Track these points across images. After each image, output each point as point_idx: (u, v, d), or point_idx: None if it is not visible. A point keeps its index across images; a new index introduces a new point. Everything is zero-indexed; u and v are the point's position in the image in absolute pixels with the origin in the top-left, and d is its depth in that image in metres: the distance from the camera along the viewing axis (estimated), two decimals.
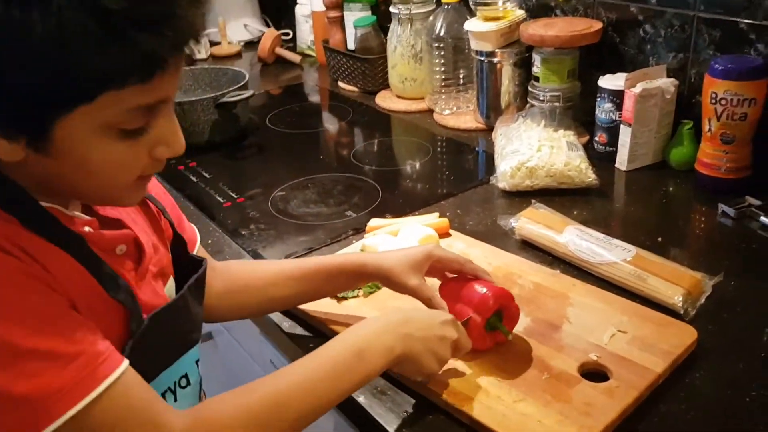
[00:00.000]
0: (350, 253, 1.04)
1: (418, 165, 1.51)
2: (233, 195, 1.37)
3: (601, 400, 0.79)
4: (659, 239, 1.14)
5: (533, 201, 1.22)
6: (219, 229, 1.25)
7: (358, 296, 1.00)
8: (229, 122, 1.61)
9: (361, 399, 0.84)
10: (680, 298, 0.96)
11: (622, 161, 1.39)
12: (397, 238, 1.08)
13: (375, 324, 0.77)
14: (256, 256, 1.15)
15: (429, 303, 0.87)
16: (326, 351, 0.74)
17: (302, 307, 0.98)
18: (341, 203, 1.32)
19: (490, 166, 1.40)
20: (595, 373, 0.85)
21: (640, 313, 0.93)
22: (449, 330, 0.80)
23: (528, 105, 1.52)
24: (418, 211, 1.26)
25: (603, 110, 1.40)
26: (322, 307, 0.97)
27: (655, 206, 1.27)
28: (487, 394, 0.81)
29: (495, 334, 0.87)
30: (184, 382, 0.74)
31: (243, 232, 1.23)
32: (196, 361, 0.77)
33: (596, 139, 1.44)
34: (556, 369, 0.84)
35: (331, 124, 1.84)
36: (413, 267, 0.87)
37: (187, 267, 0.78)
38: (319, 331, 0.96)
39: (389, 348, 0.75)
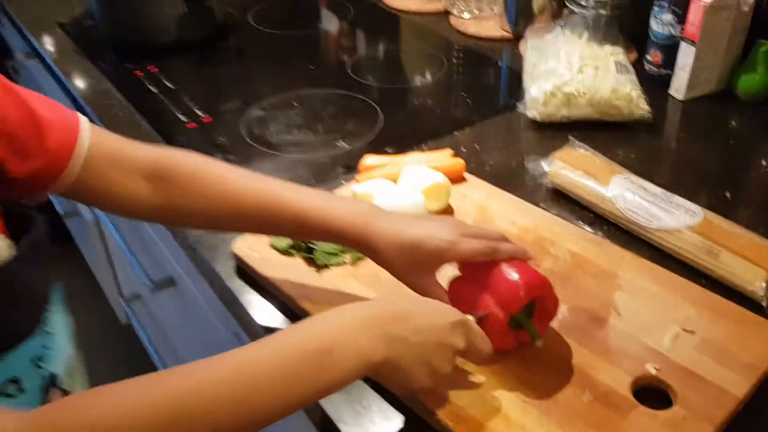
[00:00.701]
0: (346, 202, 0.74)
1: (429, 81, 1.25)
2: (199, 113, 1.12)
3: None
4: (726, 194, 0.91)
5: (570, 138, 0.97)
6: None
7: (343, 263, 0.77)
8: (202, 18, 1.34)
9: (329, 408, 0.63)
10: (763, 285, 0.73)
11: (679, 88, 1.13)
12: (397, 186, 0.85)
13: (352, 314, 0.55)
14: None
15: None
16: (276, 344, 0.51)
17: (268, 275, 0.76)
18: (331, 130, 1.07)
19: (516, 88, 1.14)
20: (652, 390, 0.63)
21: (711, 304, 0.71)
22: (456, 337, 0.58)
23: (566, 11, 1.24)
24: (427, 145, 1.01)
25: (660, 23, 1.13)
26: (294, 278, 0.75)
27: (719, 149, 1.03)
28: (506, 422, 0.60)
29: (520, 332, 0.65)
30: (12, 388, 0.53)
31: None
32: (36, 359, 0.55)
33: (648, 57, 1.18)
34: (602, 386, 0.63)
35: (327, 25, 1.55)
36: (420, 267, 0.65)
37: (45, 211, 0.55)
38: (288, 309, 0.74)
39: (368, 351, 0.53)
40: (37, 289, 0.56)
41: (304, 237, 0.73)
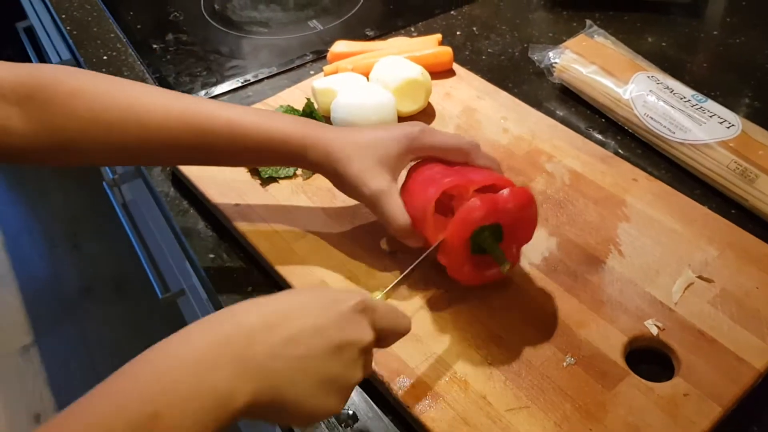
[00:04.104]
0: (282, 114, 0.59)
1: None
2: None
3: (658, 422, 0.46)
4: None
5: (588, 22, 0.80)
6: (123, 37, 0.86)
7: (294, 176, 0.64)
8: None
9: None
10: None
11: None
12: (368, 83, 0.69)
13: (189, 345, 0.36)
14: (164, 83, 0.78)
15: (396, 232, 0.54)
16: (80, 419, 0.33)
17: (201, 187, 0.63)
18: (305, 6, 0.90)
19: None
20: (651, 354, 0.51)
21: (739, 244, 0.57)
22: (358, 328, 0.40)
23: None
24: (415, 28, 0.85)
25: None
26: (232, 192, 0.63)
27: None
28: (464, 389, 0.49)
29: (487, 261, 0.53)
30: None
31: (154, 46, 0.84)
32: None
33: None
34: (588, 347, 0.51)
35: None
36: (382, 162, 0.53)
37: None
38: (225, 230, 0.62)
39: (223, 396, 0.35)
40: None
41: (235, 157, 0.56)
